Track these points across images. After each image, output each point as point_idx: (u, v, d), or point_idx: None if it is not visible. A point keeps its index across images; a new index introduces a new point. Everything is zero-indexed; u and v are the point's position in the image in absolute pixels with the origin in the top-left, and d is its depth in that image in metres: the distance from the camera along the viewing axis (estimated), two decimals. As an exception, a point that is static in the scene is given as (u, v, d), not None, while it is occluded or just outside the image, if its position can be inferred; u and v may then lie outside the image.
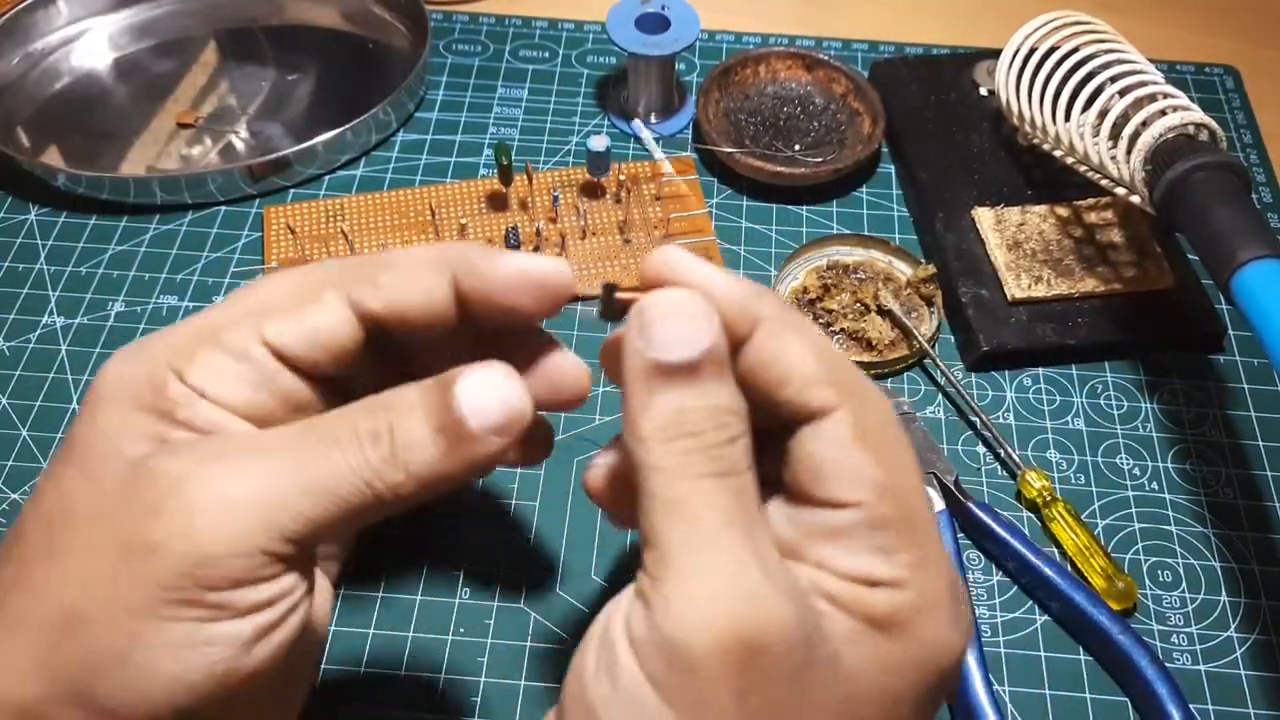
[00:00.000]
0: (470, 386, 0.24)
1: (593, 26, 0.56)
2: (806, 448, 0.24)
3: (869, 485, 0.23)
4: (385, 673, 0.34)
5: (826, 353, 0.24)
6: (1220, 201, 0.35)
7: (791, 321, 0.24)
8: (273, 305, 0.26)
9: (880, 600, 0.22)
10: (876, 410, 0.24)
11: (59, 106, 0.52)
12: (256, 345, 0.26)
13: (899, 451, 0.24)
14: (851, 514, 0.23)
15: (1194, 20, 0.58)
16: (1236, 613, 0.36)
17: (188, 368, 0.25)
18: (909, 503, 0.23)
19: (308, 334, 0.26)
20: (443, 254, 0.27)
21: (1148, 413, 0.41)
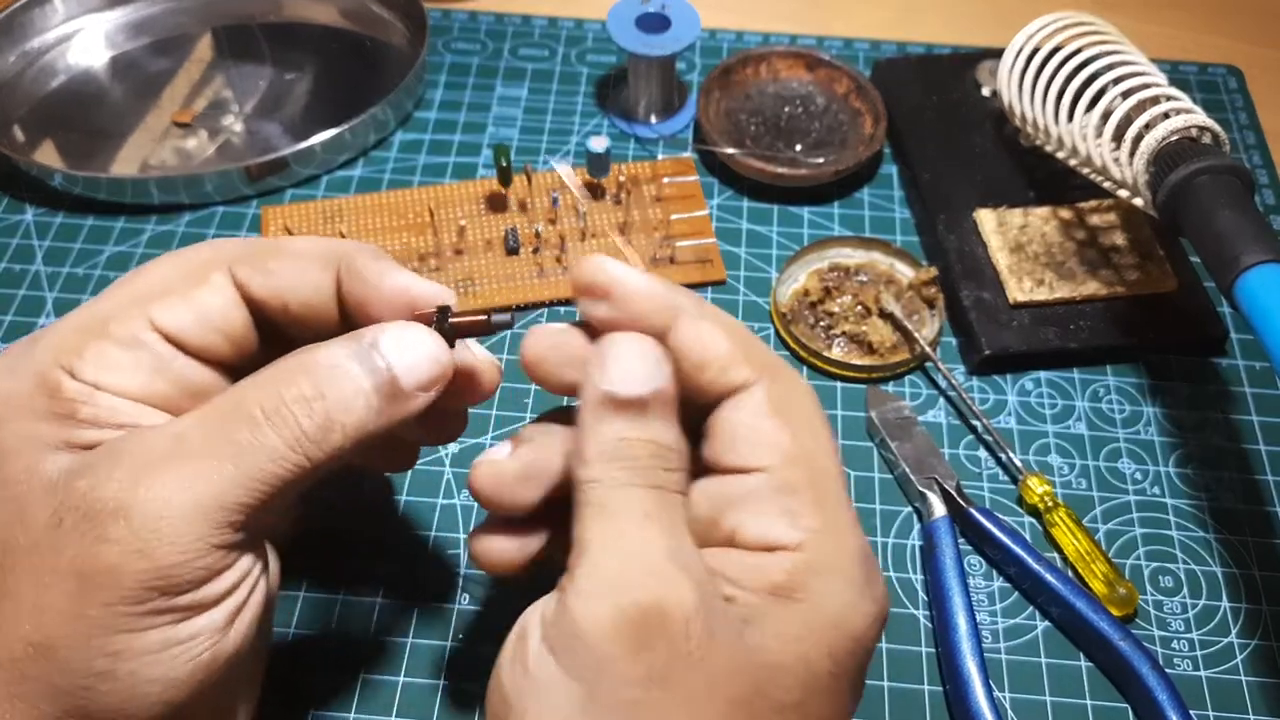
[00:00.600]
0: (395, 344, 0.25)
1: (593, 25, 0.56)
2: (722, 419, 0.25)
3: (776, 451, 0.24)
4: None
5: (742, 335, 0.26)
6: (1223, 205, 0.35)
7: (708, 312, 0.26)
8: (159, 289, 0.26)
9: (778, 565, 0.23)
10: (790, 385, 0.25)
11: (55, 104, 0.51)
12: (146, 331, 0.26)
13: (811, 422, 0.25)
14: (759, 478, 0.24)
15: (1197, 20, 0.58)
16: (1238, 618, 0.36)
17: (77, 363, 0.25)
18: (816, 470, 0.24)
19: (197, 316, 0.26)
20: (333, 250, 0.27)
21: (1150, 417, 0.41)
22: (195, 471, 0.23)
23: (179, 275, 0.27)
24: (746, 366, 0.25)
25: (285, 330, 0.28)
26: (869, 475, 0.39)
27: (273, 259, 0.27)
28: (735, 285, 0.45)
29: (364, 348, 0.25)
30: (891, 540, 0.38)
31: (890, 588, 0.37)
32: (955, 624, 0.34)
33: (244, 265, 0.27)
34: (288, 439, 0.24)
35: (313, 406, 0.24)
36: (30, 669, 0.23)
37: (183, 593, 0.23)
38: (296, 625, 0.35)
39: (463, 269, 0.44)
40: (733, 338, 0.25)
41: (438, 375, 0.26)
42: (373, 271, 0.27)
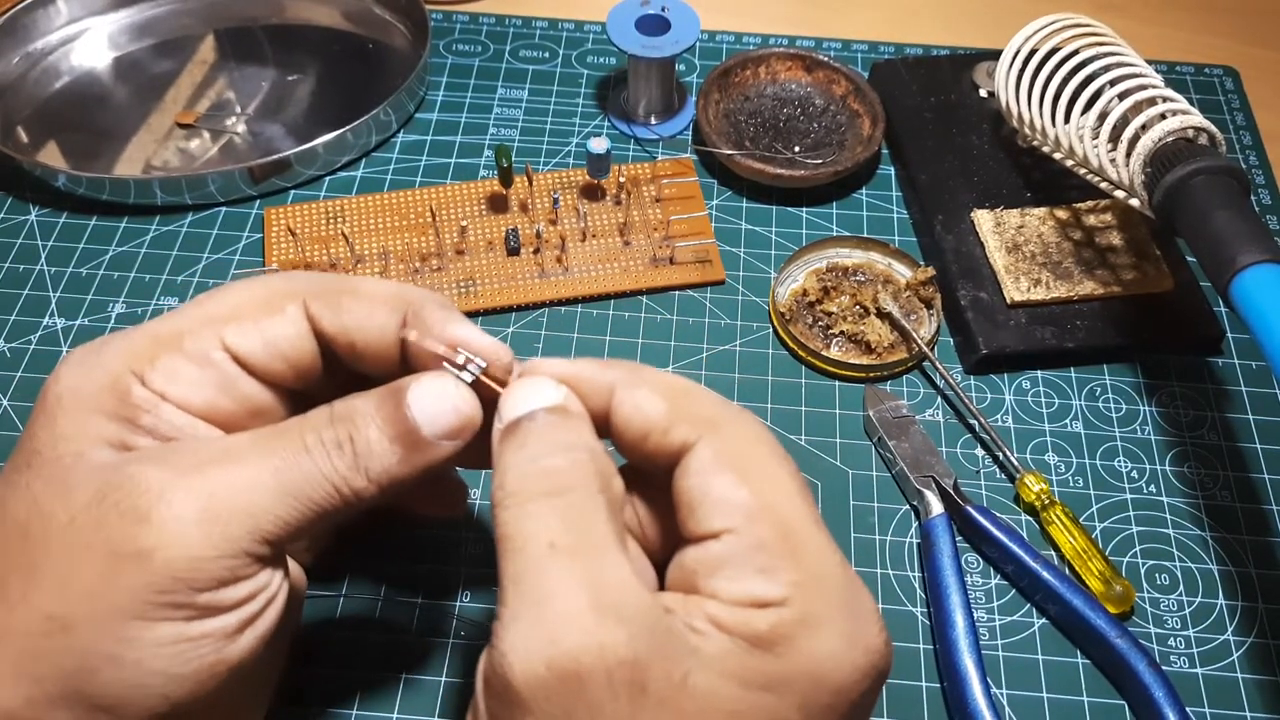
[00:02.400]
0: (421, 394, 0.26)
1: (593, 27, 0.56)
2: (678, 487, 0.25)
3: (737, 510, 0.23)
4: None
5: (677, 393, 0.25)
6: (1219, 206, 0.35)
7: (644, 378, 0.26)
8: (234, 312, 0.27)
9: (762, 619, 0.22)
10: (738, 433, 0.25)
11: (59, 105, 0.52)
12: (217, 350, 0.26)
13: (770, 469, 0.24)
14: (727, 541, 0.23)
15: (1194, 21, 0.58)
16: (1234, 616, 0.36)
17: (149, 372, 0.26)
18: (784, 519, 0.24)
19: (267, 342, 0.27)
20: (403, 296, 0.28)
21: (1146, 416, 0.42)
22: (239, 478, 0.24)
23: (255, 302, 0.27)
24: (684, 425, 0.25)
25: (348, 364, 0.28)
26: (867, 474, 0.40)
27: (346, 297, 0.28)
28: (734, 285, 0.45)
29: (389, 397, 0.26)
30: (889, 538, 0.38)
31: (888, 585, 0.37)
32: (953, 621, 0.34)
33: (318, 300, 0.28)
34: (323, 469, 0.25)
35: (343, 448, 0.25)
36: (43, 644, 0.23)
37: (203, 590, 0.23)
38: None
39: (464, 269, 0.45)
40: (669, 398, 0.25)
41: (460, 426, 0.26)
42: (436, 320, 0.27)
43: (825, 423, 0.41)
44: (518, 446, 0.25)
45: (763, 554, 0.23)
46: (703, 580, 0.23)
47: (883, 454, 0.40)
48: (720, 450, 0.24)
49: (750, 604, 0.23)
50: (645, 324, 0.44)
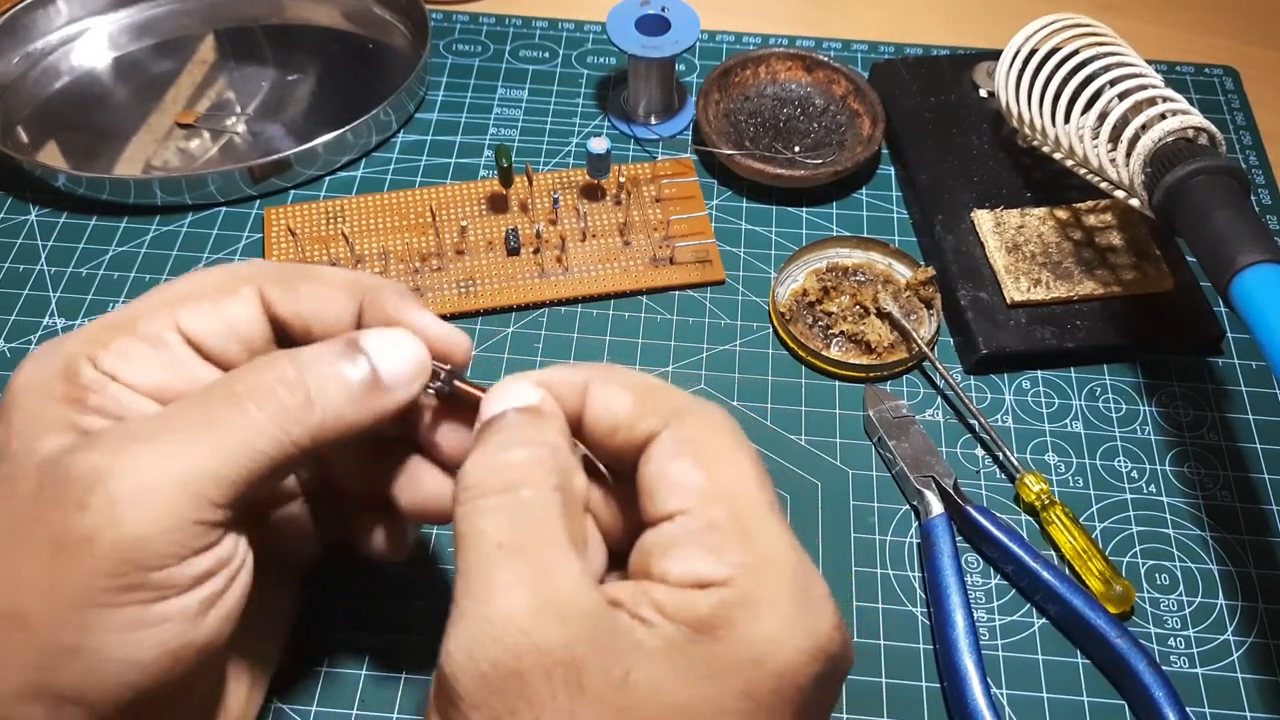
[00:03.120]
0: (377, 341, 0.26)
1: (593, 27, 0.56)
2: (641, 474, 0.25)
3: (692, 492, 0.24)
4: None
5: (643, 388, 0.26)
6: (1219, 206, 0.35)
7: (612, 376, 0.26)
8: (190, 295, 0.27)
9: (704, 601, 0.22)
10: (700, 423, 0.25)
11: (59, 105, 0.52)
12: (170, 331, 0.27)
13: (728, 455, 0.25)
14: (681, 522, 0.24)
15: (1194, 21, 0.58)
16: (1234, 616, 0.36)
17: (101, 354, 0.26)
18: (739, 503, 0.24)
19: (220, 323, 0.27)
20: (360, 282, 0.28)
21: (1146, 415, 0.42)
22: (175, 444, 0.24)
23: (211, 284, 0.28)
24: (651, 417, 0.25)
25: None
26: (867, 474, 0.40)
27: (302, 282, 0.28)
28: (734, 285, 0.45)
29: (347, 343, 0.26)
30: (889, 538, 0.38)
31: (888, 585, 0.37)
32: (953, 621, 0.34)
33: (274, 284, 0.28)
34: (267, 412, 0.24)
35: (294, 387, 0.25)
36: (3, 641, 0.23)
37: (156, 569, 0.23)
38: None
39: (464, 269, 0.45)
40: (636, 393, 0.25)
41: (416, 372, 0.26)
42: (393, 306, 0.27)
43: (825, 423, 0.41)
44: (483, 444, 0.25)
45: (713, 535, 0.23)
46: (655, 561, 0.24)
47: (883, 454, 0.40)
48: (681, 437, 0.25)
49: (694, 584, 0.23)
50: (645, 324, 0.44)
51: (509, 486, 0.24)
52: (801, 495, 0.39)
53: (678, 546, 0.23)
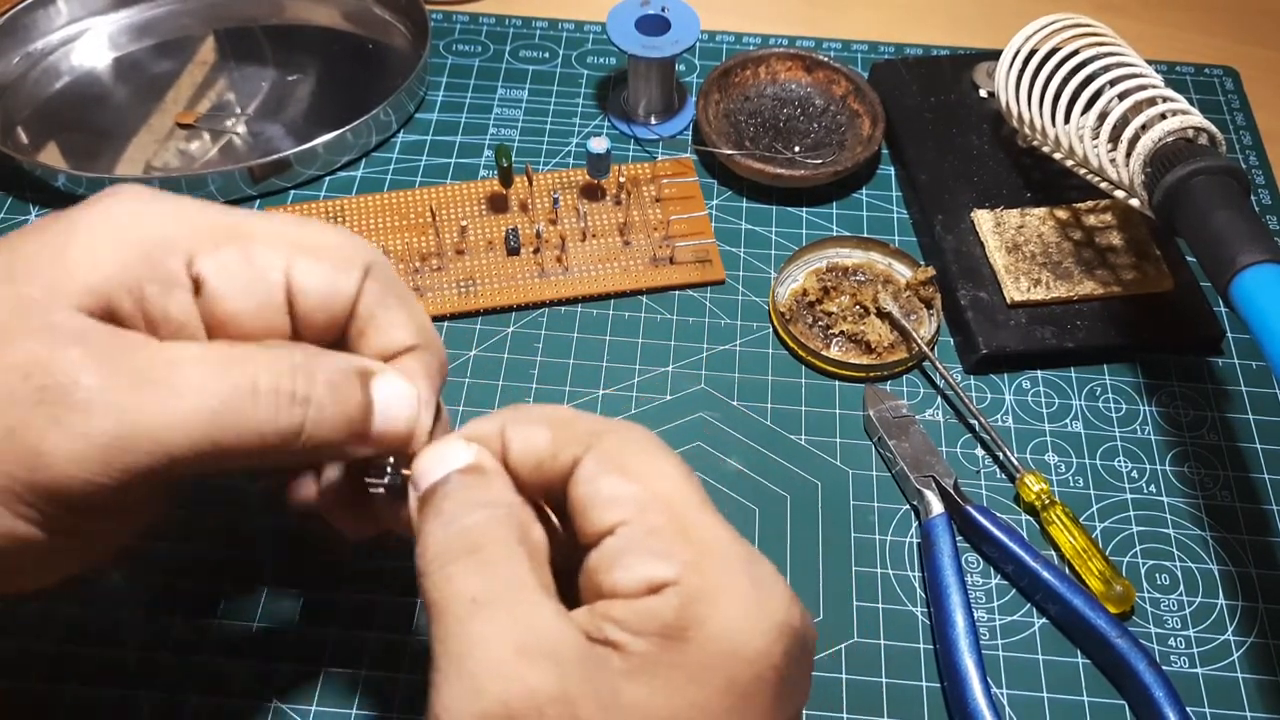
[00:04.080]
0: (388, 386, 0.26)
1: (593, 27, 0.56)
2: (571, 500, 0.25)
3: (628, 502, 0.24)
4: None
5: (557, 419, 0.26)
6: (1219, 206, 0.35)
7: (525, 415, 0.26)
8: (312, 246, 0.26)
9: (665, 605, 0.22)
10: (621, 438, 0.25)
11: (59, 106, 0.52)
12: (280, 272, 0.26)
13: (654, 463, 0.25)
14: (622, 533, 0.24)
15: (1194, 21, 0.58)
16: (1234, 616, 0.36)
17: (201, 255, 0.25)
18: (674, 505, 0.24)
19: (327, 291, 0.26)
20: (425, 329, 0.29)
21: (1146, 415, 0.42)
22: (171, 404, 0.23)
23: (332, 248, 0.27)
24: (571, 446, 0.25)
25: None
26: (867, 473, 0.40)
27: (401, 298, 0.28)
28: (734, 285, 0.45)
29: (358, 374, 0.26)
30: (889, 538, 0.38)
31: (888, 585, 0.37)
32: (953, 621, 0.34)
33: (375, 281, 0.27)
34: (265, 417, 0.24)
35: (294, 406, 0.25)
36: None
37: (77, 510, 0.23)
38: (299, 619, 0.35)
39: (464, 269, 0.45)
40: (552, 425, 0.25)
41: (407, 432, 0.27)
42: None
43: (825, 423, 0.41)
44: (434, 514, 0.25)
45: (655, 538, 0.23)
46: (603, 576, 0.23)
47: (883, 454, 0.40)
48: (604, 455, 0.25)
49: (646, 589, 0.23)
50: (645, 324, 0.44)
51: (473, 548, 0.24)
52: (801, 495, 0.39)
53: (623, 556, 0.23)
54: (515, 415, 0.26)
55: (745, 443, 0.40)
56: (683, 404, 0.41)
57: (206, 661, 0.34)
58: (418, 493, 0.25)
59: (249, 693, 0.34)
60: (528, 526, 0.25)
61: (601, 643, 0.23)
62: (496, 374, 0.42)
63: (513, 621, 0.22)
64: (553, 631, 0.22)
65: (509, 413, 0.26)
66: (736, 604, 0.23)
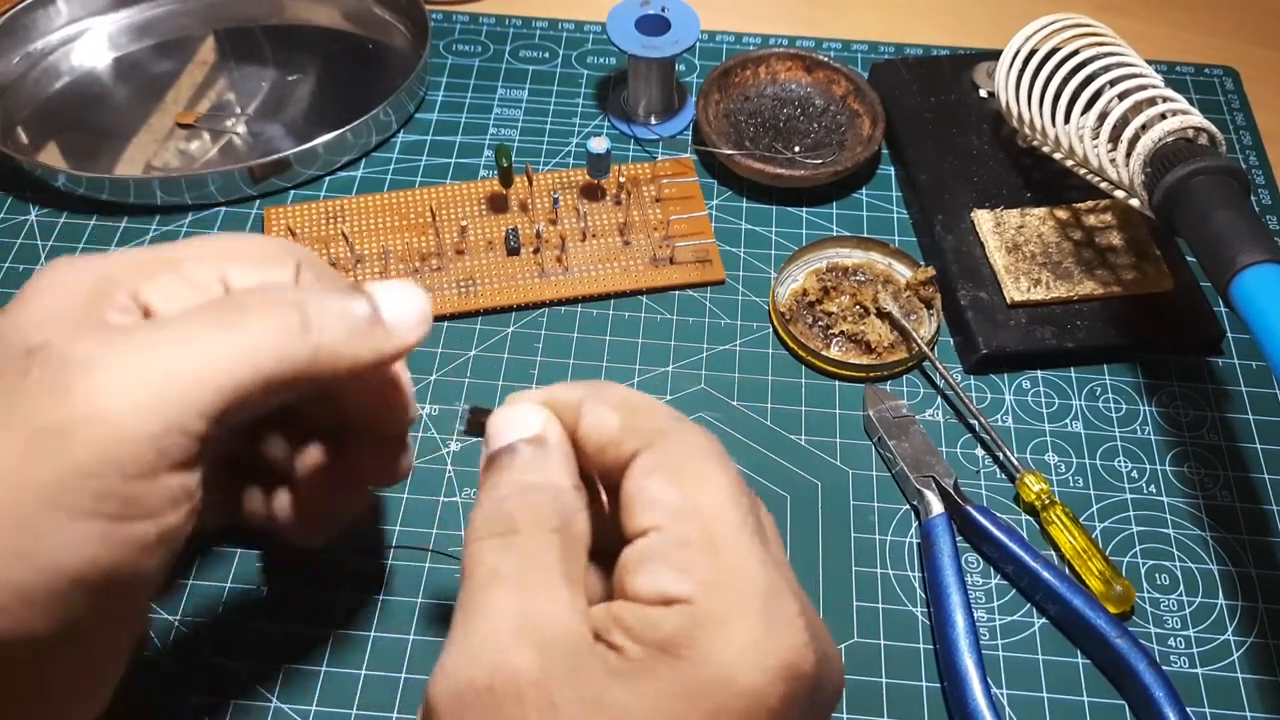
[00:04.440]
0: (383, 287, 0.27)
1: (593, 27, 0.56)
2: (622, 491, 0.25)
3: (665, 509, 0.24)
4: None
5: (629, 407, 0.26)
6: (1219, 206, 0.35)
7: (604, 395, 0.27)
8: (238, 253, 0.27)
9: (667, 621, 0.22)
10: (682, 441, 0.25)
11: (59, 105, 0.52)
12: (217, 284, 0.26)
13: (705, 474, 0.25)
14: (653, 538, 0.24)
15: (1194, 21, 0.58)
16: (1234, 616, 0.36)
17: (144, 285, 0.25)
18: (709, 520, 0.24)
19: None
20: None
21: (1146, 415, 0.42)
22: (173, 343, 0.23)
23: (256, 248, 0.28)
24: (634, 437, 0.25)
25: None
26: (867, 474, 0.40)
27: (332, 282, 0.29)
28: (734, 285, 0.45)
29: (352, 286, 0.27)
30: (889, 538, 0.38)
31: (888, 585, 0.37)
32: (953, 621, 0.34)
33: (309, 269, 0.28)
34: (271, 328, 0.24)
35: (300, 310, 0.25)
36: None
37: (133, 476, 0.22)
38: (298, 620, 0.35)
39: (464, 269, 0.45)
40: (624, 412, 0.26)
41: (419, 318, 0.27)
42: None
43: (825, 423, 0.41)
44: (491, 485, 0.26)
45: (682, 551, 0.23)
46: (628, 576, 0.24)
47: (883, 454, 0.40)
48: (661, 455, 0.25)
49: (659, 600, 0.23)
50: (645, 324, 0.44)
51: (510, 530, 0.24)
52: (801, 495, 0.39)
53: (648, 562, 0.24)
54: (596, 393, 0.27)
55: (745, 443, 0.40)
56: (683, 404, 0.41)
57: (206, 661, 0.34)
58: (487, 451, 0.26)
59: (249, 693, 0.34)
60: (570, 516, 0.25)
61: (606, 644, 0.23)
62: (496, 374, 0.42)
63: (521, 602, 0.23)
64: (558, 621, 0.23)
65: (592, 388, 0.27)
66: (742, 635, 0.22)
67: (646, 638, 0.22)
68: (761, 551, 0.24)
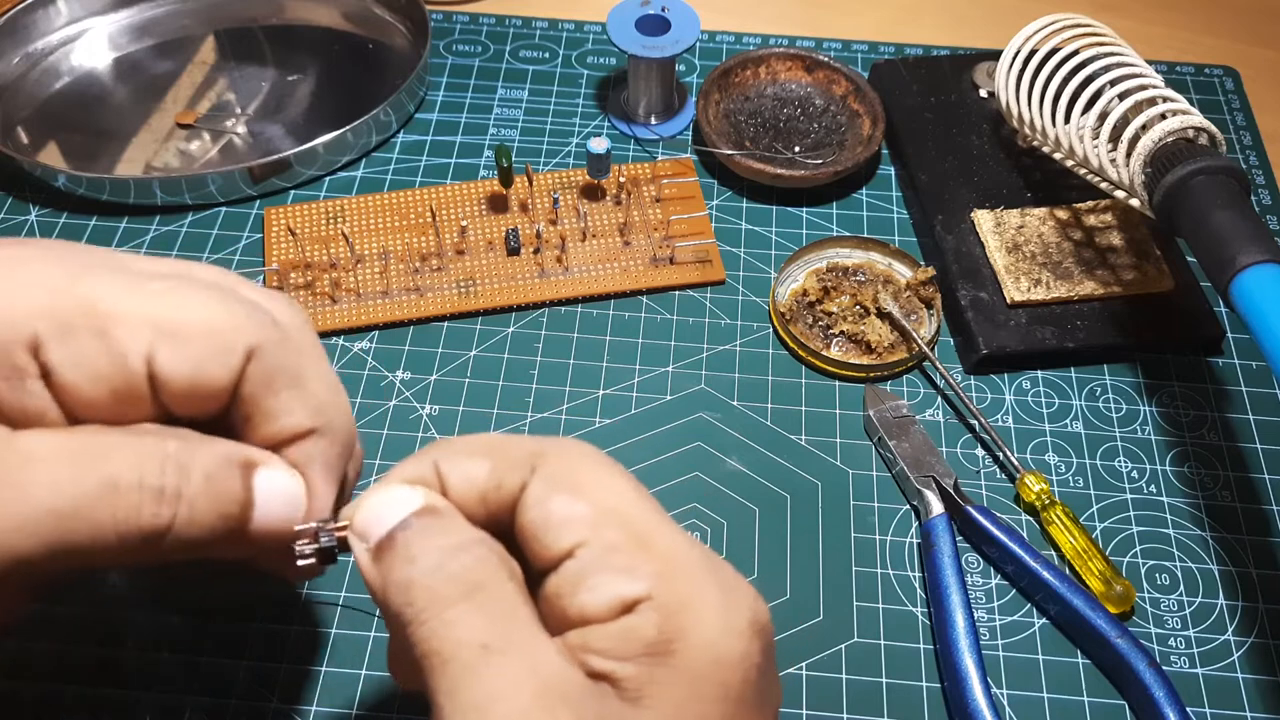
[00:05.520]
0: (271, 481, 0.24)
1: (593, 27, 0.56)
2: (521, 526, 0.24)
3: (580, 523, 0.23)
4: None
5: (494, 447, 0.24)
6: (1219, 206, 0.35)
7: (453, 447, 0.25)
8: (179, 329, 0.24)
9: (642, 623, 0.22)
10: (564, 457, 0.24)
11: (59, 106, 0.52)
12: (141, 359, 0.23)
13: (602, 479, 0.24)
14: (581, 555, 0.23)
15: (1194, 21, 0.58)
16: (1234, 616, 0.36)
17: (53, 345, 0.23)
18: (630, 519, 0.23)
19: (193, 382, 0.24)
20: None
21: (1146, 415, 0.42)
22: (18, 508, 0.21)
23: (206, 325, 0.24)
24: (514, 471, 0.24)
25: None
26: (867, 474, 0.40)
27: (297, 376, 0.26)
28: (734, 285, 0.45)
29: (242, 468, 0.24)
30: (889, 538, 0.38)
31: (888, 585, 0.37)
32: (953, 621, 0.34)
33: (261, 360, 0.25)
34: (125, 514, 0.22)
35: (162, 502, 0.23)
36: None
37: None
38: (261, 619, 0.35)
39: (464, 269, 0.45)
40: (489, 455, 0.24)
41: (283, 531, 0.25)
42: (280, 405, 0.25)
43: (825, 423, 0.41)
44: (405, 561, 0.23)
45: (617, 554, 0.23)
46: (568, 600, 0.22)
47: (883, 454, 0.40)
48: (550, 476, 0.24)
49: (620, 610, 0.22)
50: (645, 324, 0.44)
51: (472, 589, 0.22)
52: (801, 495, 0.39)
53: (587, 577, 0.22)
54: (445, 450, 0.25)
55: (745, 443, 0.40)
56: (683, 404, 0.41)
57: (206, 661, 0.34)
58: (368, 545, 0.23)
59: (249, 693, 0.34)
60: (506, 559, 0.24)
61: (595, 676, 0.22)
62: (496, 374, 0.42)
63: (530, 668, 0.21)
64: (561, 672, 0.22)
65: (437, 449, 0.25)
66: (711, 610, 0.22)
67: (630, 651, 0.22)
68: (680, 530, 0.24)
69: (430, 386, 0.42)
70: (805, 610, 0.36)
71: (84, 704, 0.33)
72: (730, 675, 0.22)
